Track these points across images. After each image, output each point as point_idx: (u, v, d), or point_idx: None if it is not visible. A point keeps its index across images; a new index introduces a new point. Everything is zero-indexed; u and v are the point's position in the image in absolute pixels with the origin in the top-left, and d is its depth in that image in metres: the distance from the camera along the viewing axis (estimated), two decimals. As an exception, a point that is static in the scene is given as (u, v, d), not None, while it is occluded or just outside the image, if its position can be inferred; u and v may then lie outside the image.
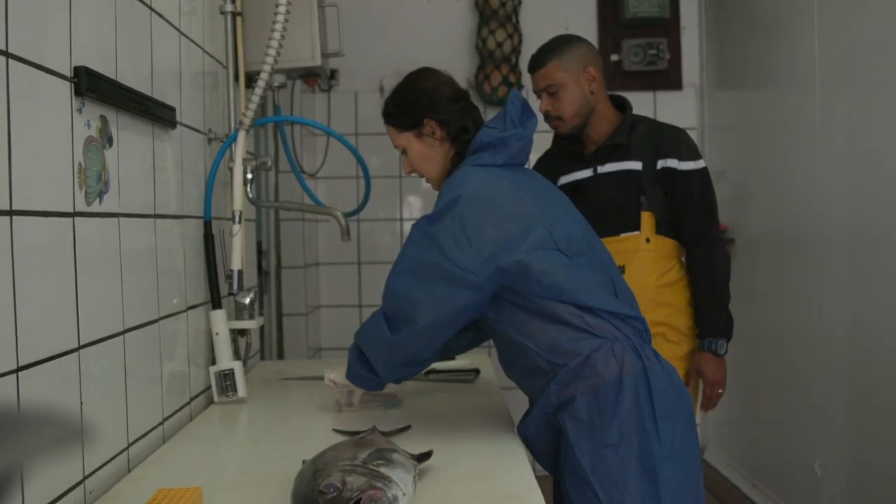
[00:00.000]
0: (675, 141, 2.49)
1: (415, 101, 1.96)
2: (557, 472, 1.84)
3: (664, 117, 2.67)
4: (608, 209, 2.47)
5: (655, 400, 1.70)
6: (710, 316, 2.48)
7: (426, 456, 1.53)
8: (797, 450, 3.32)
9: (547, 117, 2.52)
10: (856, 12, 2.88)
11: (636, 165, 2.47)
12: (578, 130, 2.54)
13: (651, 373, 1.72)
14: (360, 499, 1.20)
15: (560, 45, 2.51)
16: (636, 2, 4.26)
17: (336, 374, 2.06)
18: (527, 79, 4.25)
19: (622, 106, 2.59)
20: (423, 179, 2.04)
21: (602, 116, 2.53)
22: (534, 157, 2.78)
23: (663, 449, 1.68)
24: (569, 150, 2.60)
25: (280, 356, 3.66)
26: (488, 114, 2.02)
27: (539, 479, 1.52)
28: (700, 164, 2.49)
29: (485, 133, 1.88)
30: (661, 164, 2.46)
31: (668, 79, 4.40)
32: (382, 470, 1.29)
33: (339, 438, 1.69)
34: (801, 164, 3.29)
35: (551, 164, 2.63)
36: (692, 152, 2.49)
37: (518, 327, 1.77)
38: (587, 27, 4.28)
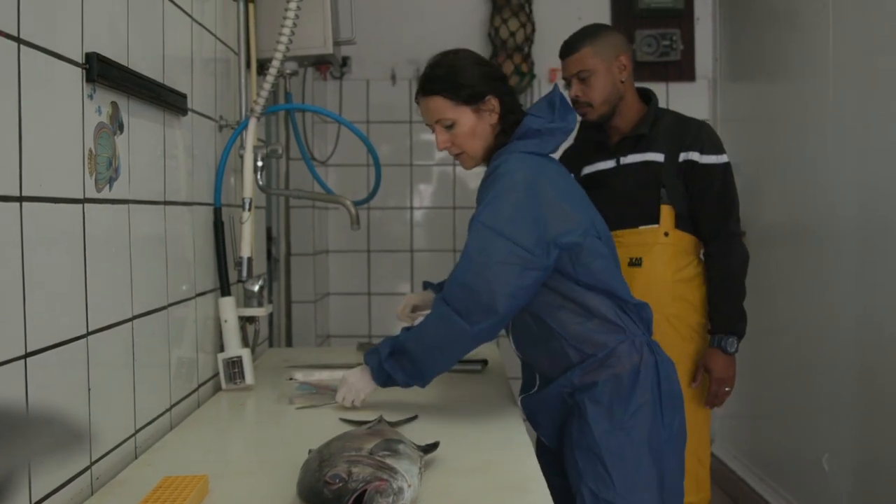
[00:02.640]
0: (699, 134, 2.47)
1: (480, 76, 1.98)
2: (557, 443, 2.03)
3: (676, 109, 2.65)
4: (628, 201, 2.47)
5: (662, 391, 1.91)
6: (723, 312, 2.47)
7: (433, 447, 1.53)
8: (805, 444, 3.31)
9: (576, 103, 2.49)
10: (871, 5, 2.85)
11: (658, 157, 2.46)
12: (606, 119, 2.53)
13: (660, 367, 1.93)
14: (366, 490, 1.20)
15: (593, 31, 2.50)
16: (650, -8, 4.24)
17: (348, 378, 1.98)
18: (539, 69, 4.26)
19: (648, 98, 2.58)
20: (457, 157, 2.04)
21: (629, 106, 2.53)
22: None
23: (665, 433, 1.90)
24: (594, 140, 2.59)
25: (289, 343, 3.67)
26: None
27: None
28: (723, 158, 2.47)
29: (534, 121, 1.94)
30: (682, 156, 2.45)
31: (681, 70, 4.37)
32: (388, 461, 1.28)
33: (346, 428, 1.69)
34: (813, 157, 3.27)
35: (575, 155, 2.64)
36: (715, 146, 2.47)
37: (550, 313, 1.90)
38: (601, 17, 4.25)
